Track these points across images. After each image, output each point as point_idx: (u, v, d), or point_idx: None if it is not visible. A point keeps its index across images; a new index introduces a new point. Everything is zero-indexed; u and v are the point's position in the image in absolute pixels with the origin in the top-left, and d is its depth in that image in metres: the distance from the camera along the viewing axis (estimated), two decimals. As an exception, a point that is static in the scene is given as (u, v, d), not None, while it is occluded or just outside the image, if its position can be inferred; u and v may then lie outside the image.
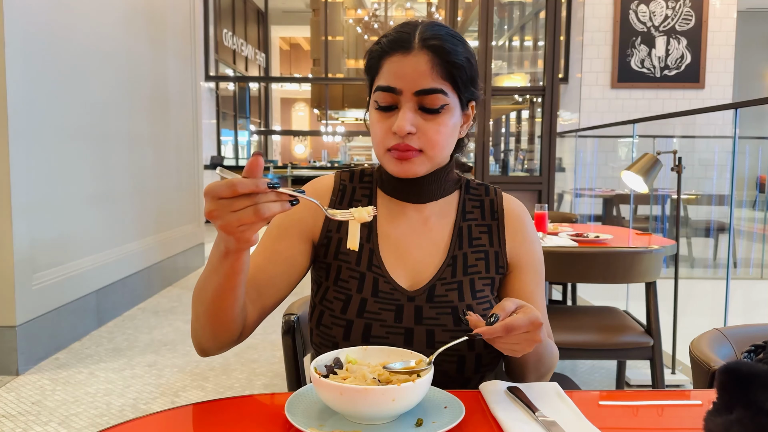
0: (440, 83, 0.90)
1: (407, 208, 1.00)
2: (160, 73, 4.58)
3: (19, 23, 2.78)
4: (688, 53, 6.75)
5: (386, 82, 0.91)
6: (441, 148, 0.94)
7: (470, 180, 1.07)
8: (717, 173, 6.67)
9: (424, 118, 0.91)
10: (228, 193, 0.70)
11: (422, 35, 0.91)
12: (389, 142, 0.93)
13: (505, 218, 1.02)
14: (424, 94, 0.90)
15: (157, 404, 2.53)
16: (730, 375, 0.59)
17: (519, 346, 0.78)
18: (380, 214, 1.00)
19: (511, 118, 8.16)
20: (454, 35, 0.93)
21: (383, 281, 0.95)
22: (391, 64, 0.91)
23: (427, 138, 0.92)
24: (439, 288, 0.95)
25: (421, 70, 0.89)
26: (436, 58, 0.90)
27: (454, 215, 1.01)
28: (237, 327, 0.89)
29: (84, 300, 3.42)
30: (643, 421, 0.80)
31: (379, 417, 0.72)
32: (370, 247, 0.97)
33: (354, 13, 12.57)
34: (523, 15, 7.34)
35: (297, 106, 17.69)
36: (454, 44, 0.91)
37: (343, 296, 0.95)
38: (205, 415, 0.78)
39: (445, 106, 0.92)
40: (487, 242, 1.00)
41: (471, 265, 0.98)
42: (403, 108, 0.91)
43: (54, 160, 3.10)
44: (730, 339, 1.06)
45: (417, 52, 0.90)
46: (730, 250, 2.86)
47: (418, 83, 0.90)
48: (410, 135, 0.91)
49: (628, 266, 2.07)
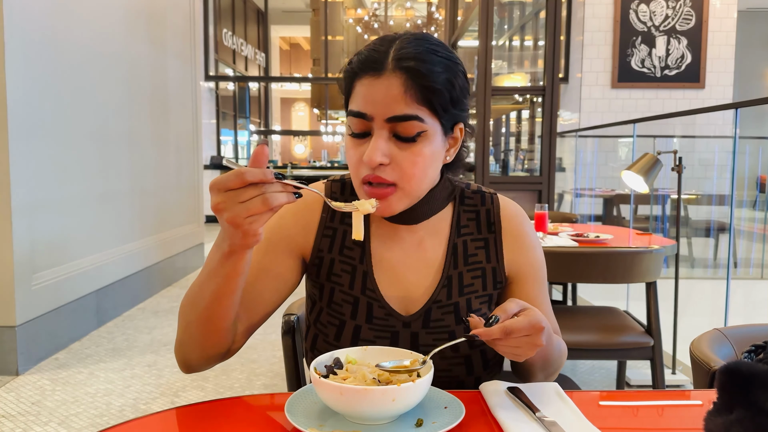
0: (415, 109, 0.82)
1: (399, 230, 0.95)
2: (160, 72, 4.58)
3: (19, 23, 2.77)
4: (688, 53, 6.75)
5: (357, 107, 0.83)
6: (418, 181, 0.86)
7: (465, 188, 0.99)
8: (717, 173, 6.67)
9: (398, 146, 0.83)
10: (237, 183, 0.69)
11: (397, 54, 0.82)
12: (362, 172, 0.85)
13: (503, 229, 0.96)
14: (397, 121, 0.82)
15: (157, 404, 2.53)
16: (731, 375, 0.59)
17: (520, 350, 0.76)
18: (373, 236, 0.95)
19: (511, 118, 8.16)
20: (434, 51, 0.84)
21: (377, 306, 0.92)
22: (362, 87, 0.83)
23: (402, 170, 0.84)
24: (435, 312, 0.91)
25: (393, 94, 0.81)
26: (410, 80, 0.81)
27: (447, 231, 0.95)
28: (228, 339, 0.87)
29: (84, 300, 3.42)
30: (644, 422, 0.80)
31: (379, 417, 0.72)
32: (363, 270, 0.93)
33: (354, 12, 12.57)
34: (524, 15, 7.33)
35: (297, 105, 17.70)
36: (432, 64, 0.82)
37: (337, 321, 0.92)
38: (205, 415, 0.78)
39: (422, 134, 0.83)
40: (483, 258, 0.95)
41: (467, 284, 0.93)
42: (375, 136, 0.83)
43: (54, 160, 3.10)
44: (731, 339, 1.06)
45: (390, 74, 0.81)
46: (731, 250, 2.85)
47: (390, 109, 0.81)
48: (382, 166, 0.83)
49: (628, 266, 2.07)
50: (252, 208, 0.70)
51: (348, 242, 0.95)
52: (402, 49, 0.83)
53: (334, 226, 0.95)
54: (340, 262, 0.94)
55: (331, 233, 0.95)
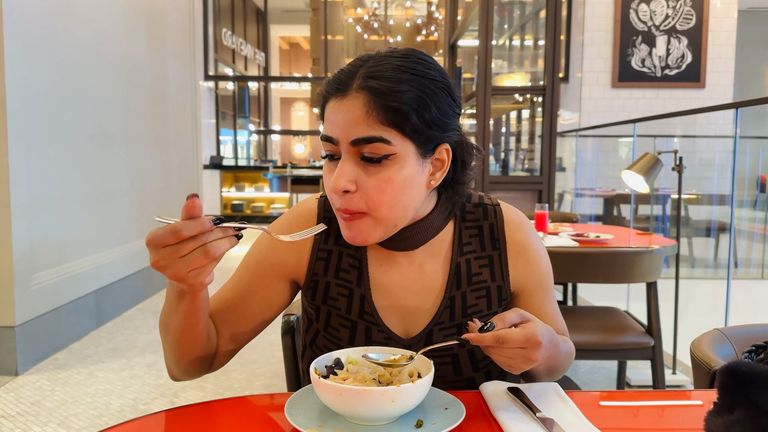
0: (379, 130, 0.76)
1: (396, 255, 0.90)
2: (160, 72, 4.58)
3: (18, 23, 2.77)
4: (688, 53, 6.75)
5: (324, 131, 0.80)
6: (388, 208, 0.79)
7: (465, 203, 0.93)
8: (718, 173, 6.66)
9: (366, 171, 0.78)
10: (172, 239, 0.67)
11: (366, 72, 0.77)
12: (335, 199, 0.81)
13: (508, 245, 0.91)
14: (362, 144, 0.77)
15: (156, 405, 2.53)
16: (731, 375, 0.58)
17: (514, 362, 0.74)
18: (371, 260, 0.90)
19: (511, 118, 8.15)
20: (407, 69, 0.77)
21: (376, 330, 0.89)
22: (329, 109, 0.80)
23: (368, 197, 0.78)
24: (436, 334, 0.88)
25: (355, 116, 0.76)
26: (372, 100, 0.76)
27: (449, 251, 0.90)
28: (204, 360, 0.87)
29: (83, 300, 3.42)
30: (644, 422, 0.79)
31: (378, 418, 0.72)
32: (361, 293, 0.89)
33: (354, 12, 12.57)
34: (524, 14, 7.33)
35: (296, 105, 17.69)
36: (397, 82, 0.76)
37: (334, 347, 0.89)
38: (204, 415, 0.78)
39: (391, 157, 0.77)
40: (488, 277, 0.90)
41: (471, 305, 0.89)
42: (342, 160, 0.79)
43: (53, 160, 3.10)
44: (731, 339, 1.06)
45: (354, 94, 0.77)
46: (731, 250, 2.85)
47: (351, 132, 0.77)
48: (349, 194, 0.79)
49: (628, 266, 2.07)
50: (193, 262, 0.68)
51: (344, 265, 0.91)
52: (372, 67, 0.78)
53: (328, 248, 0.91)
54: (337, 285, 0.91)
55: (325, 255, 0.91)
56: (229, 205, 9.23)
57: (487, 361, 0.91)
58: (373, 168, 0.78)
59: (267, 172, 9.08)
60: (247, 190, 9.31)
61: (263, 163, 10.59)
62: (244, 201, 9.27)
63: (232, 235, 0.70)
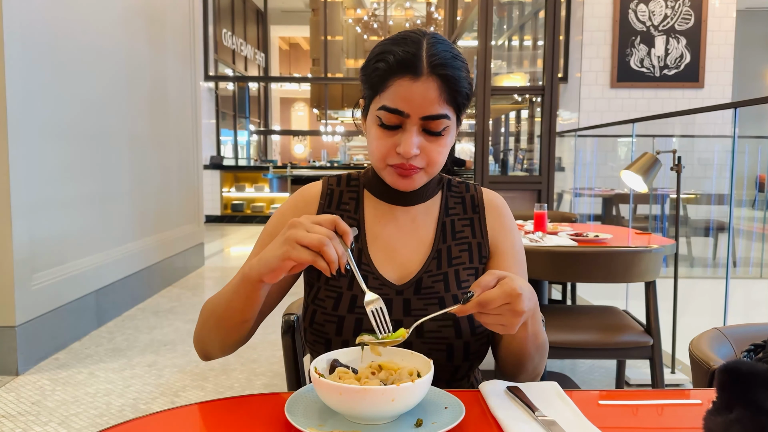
0: (446, 109, 0.92)
1: (395, 210, 1.04)
2: (160, 73, 4.58)
3: (18, 23, 2.77)
4: (687, 53, 6.75)
5: (394, 105, 0.91)
6: (440, 166, 0.98)
7: (451, 179, 1.11)
8: (716, 172, 6.67)
9: (427, 139, 0.94)
10: (308, 222, 0.80)
11: (430, 60, 0.91)
12: (392, 160, 0.95)
13: (486, 210, 1.06)
14: (431, 120, 0.92)
15: (156, 404, 2.53)
16: (730, 374, 0.59)
17: (504, 319, 0.78)
18: (368, 216, 1.04)
19: (510, 118, 8.16)
20: (457, 57, 0.94)
21: (372, 278, 0.99)
22: (400, 87, 0.91)
23: (430, 159, 0.95)
24: (425, 280, 0.99)
25: (431, 97, 0.91)
26: (444, 85, 0.91)
27: (437, 212, 1.05)
28: (244, 338, 0.97)
29: (84, 300, 3.42)
30: (643, 421, 0.80)
31: (378, 417, 0.72)
32: (359, 247, 1.01)
33: (353, 12, 12.57)
34: (523, 14, 7.34)
35: (296, 105, 17.69)
36: (458, 69, 0.93)
37: (335, 294, 0.98)
38: (204, 415, 0.78)
39: (446, 128, 0.94)
40: (469, 234, 1.04)
41: (455, 257, 1.02)
42: (409, 131, 0.93)
43: (53, 160, 3.10)
44: (730, 338, 1.06)
45: (426, 78, 0.90)
46: (730, 249, 2.86)
47: (426, 109, 0.91)
48: (415, 156, 0.94)
49: (627, 266, 2.07)
50: (312, 239, 0.78)
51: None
52: (433, 54, 0.91)
53: (331, 212, 1.04)
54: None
55: None
56: (229, 205, 9.23)
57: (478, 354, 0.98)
58: (434, 137, 0.94)
59: (267, 172, 9.08)
60: (247, 190, 9.30)
61: (263, 163, 10.59)
62: (244, 201, 9.27)
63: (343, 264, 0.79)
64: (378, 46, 0.96)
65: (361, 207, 1.05)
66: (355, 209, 1.05)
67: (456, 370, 0.96)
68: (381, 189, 1.04)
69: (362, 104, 1.01)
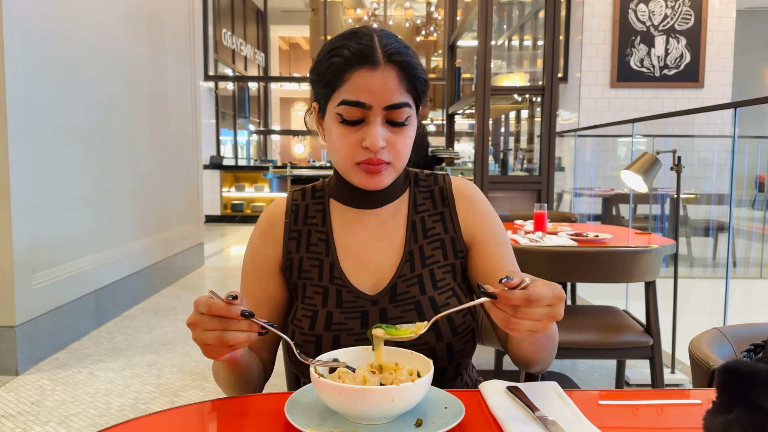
0: (406, 97, 0.91)
1: (363, 215, 1.01)
2: (160, 72, 4.58)
3: (18, 24, 2.77)
4: (687, 52, 6.75)
5: (355, 97, 0.89)
6: (406, 158, 0.96)
7: (418, 173, 1.08)
8: (716, 172, 6.67)
9: (391, 131, 0.92)
10: (204, 309, 0.73)
11: (385, 49, 0.90)
12: (358, 156, 0.92)
13: (456, 201, 1.03)
14: (393, 109, 0.90)
15: (156, 404, 2.53)
16: (730, 374, 0.59)
17: (539, 324, 0.70)
18: (336, 226, 1.01)
19: (510, 118, 8.16)
20: (408, 47, 0.95)
21: (346, 291, 0.96)
22: (359, 78, 0.89)
23: (396, 151, 0.93)
24: (400, 285, 0.96)
25: (392, 86, 0.90)
26: (402, 73, 0.90)
27: (406, 211, 1.02)
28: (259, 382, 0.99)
29: (83, 300, 3.42)
30: (643, 421, 0.80)
31: (378, 417, 0.72)
32: (330, 261, 0.98)
33: (353, 12, 12.57)
34: (523, 14, 7.34)
35: (296, 105, 17.69)
36: (413, 56, 0.93)
37: (310, 313, 0.96)
38: (204, 415, 0.78)
39: (409, 118, 0.93)
40: (441, 230, 1.01)
41: (428, 256, 0.99)
42: (373, 123, 0.90)
43: (53, 160, 3.10)
44: (730, 338, 1.06)
45: (384, 66, 0.90)
46: (730, 249, 2.85)
47: (387, 99, 0.90)
48: (381, 149, 0.92)
49: (627, 266, 2.07)
50: (209, 339, 0.74)
51: (313, 239, 1.01)
52: (387, 44, 0.91)
53: (298, 229, 1.02)
54: (308, 259, 1.00)
55: (296, 235, 1.02)
56: (229, 205, 9.23)
57: (464, 353, 0.95)
58: (397, 128, 0.92)
59: (267, 172, 9.07)
60: (247, 190, 9.30)
61: (263, 163, 10.58)
62: (244, 201, 9.27)
63: (255, 331, 0.75)
64: (327, 44, 0.94)
65: (328, 219, 1.02)
66: (322, 222, 1.02)
67: (443, 372, 0.93)
68: (347, 194, 1.01)
69: (316, 108, 0.99)
